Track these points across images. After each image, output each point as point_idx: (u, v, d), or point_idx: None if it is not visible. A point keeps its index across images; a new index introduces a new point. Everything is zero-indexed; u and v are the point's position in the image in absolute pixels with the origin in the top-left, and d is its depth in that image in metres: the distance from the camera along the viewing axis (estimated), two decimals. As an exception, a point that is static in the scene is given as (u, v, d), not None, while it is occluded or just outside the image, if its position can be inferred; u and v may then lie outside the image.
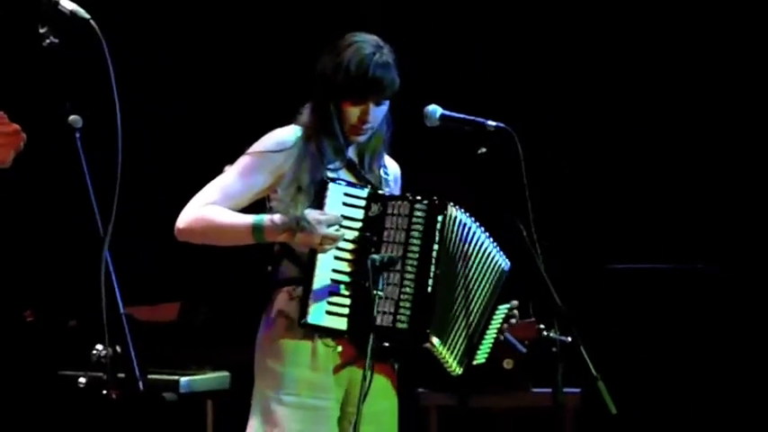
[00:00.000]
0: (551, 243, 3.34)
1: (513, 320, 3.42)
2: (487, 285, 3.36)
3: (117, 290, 2.43)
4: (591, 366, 3.26)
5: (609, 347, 5.15)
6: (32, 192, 5.47)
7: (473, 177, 3.31)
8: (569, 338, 3.34)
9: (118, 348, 2.39)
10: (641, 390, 5.43)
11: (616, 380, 3.42)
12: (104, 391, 2.39)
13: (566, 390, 3.43)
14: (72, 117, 2.47)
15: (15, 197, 5.03)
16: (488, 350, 3.40)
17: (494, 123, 3.36)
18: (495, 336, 3.40)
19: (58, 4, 2.50)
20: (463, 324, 3.29)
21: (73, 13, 2.49)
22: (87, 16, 2.48)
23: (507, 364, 4.95)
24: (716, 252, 5.72)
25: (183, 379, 5.08)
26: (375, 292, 3.14)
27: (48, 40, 2.48)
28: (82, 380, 2.39)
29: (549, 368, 3.40)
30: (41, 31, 2.48)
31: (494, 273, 3.38)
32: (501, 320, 3.41)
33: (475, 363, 3.37)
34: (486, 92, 5.72)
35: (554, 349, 3.36)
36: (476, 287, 3.33)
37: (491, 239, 3.38)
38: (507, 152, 3.33)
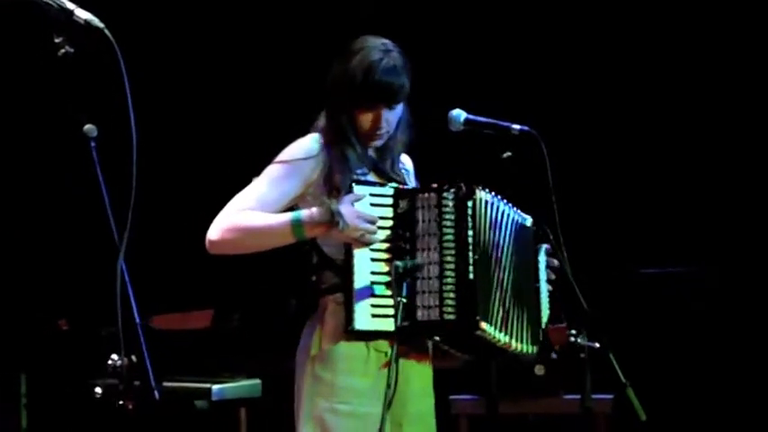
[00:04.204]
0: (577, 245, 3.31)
1: (556, 262, 3.34)
2: (525, 254, 3.31)
3: (133, 299, 2.41)
4: (620, 373, 3.23)
5: (642, 353, 5.10)
6: (60, 200, 5.50)
7: (498, 181, 3.28)
8: (597, 344, 3.31)
9: (134, 358, 2.37)
10: (674, 396, 5.37)
11: (648, 386, 3.38)
12: (120, 401, 2.37)
13: (597, 396, 3.39)
14: (87, 126, 2.46)
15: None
16: (548, 307, 3.35)
17: (518, 127, 3.33)
18: (548, 289, 3.35)
19: (72, 13, 2.49)
20: (518, 302, 3.25)
21: (87, 23, 2.48)
22: (102, 25, 2.47)
23: (539, 370, 4.91)
24: (747, 254, 5.67)
25: (215, 387, 5.07)
26: (399, 298, 3.11)
27: (63, 50, 2.47)
28: (98, 389, 2.38)
29: (581, 374, 3.36)
30: (56, 40, 2.47)
31: (526, 239, 3.32)
32: (545, 269, 3.36)
33: (543, 328, 3.32)
34: (509, 92, 5.70)
35: (582, 355, 3.33)
36: (516, 263, 3.28)
37: (518, 211, 3.33)
38: (533, 155, 3.30)
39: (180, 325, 5.26)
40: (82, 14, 2.49)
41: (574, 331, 3.37)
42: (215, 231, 3.18)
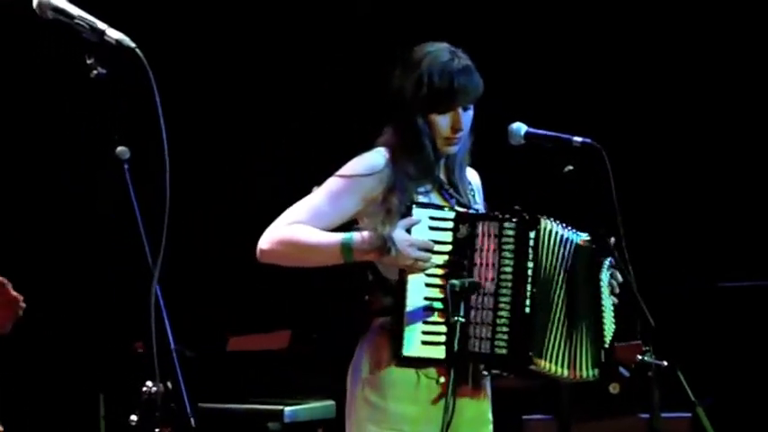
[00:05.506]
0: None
1: (619, 275, 3.21)
2: (586, 275, 3.19)
3: (168, 324, 2.37)
4: (689, 392, 3.12)
5: (721, 369, 4.94)
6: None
7: (560, 196, 3.18)
8: (665, 362, 3.20)
9: (169, 384, 2.33)
10: (756, 415, 5.20)
11: (730, 402, 3.26)
12: (157, 429, 2.33)
13: (675, 414, 3.28)
14: (119, 148, 2.43)
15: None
16: (613, 322, 3.22)
17: (580, 139, 3.25)
18: (612, 305, 3.22)
19: (104, 33, 2.46)
20: (578, 328, 3.15)
21: (119, 43, 2.46)
22: (133, 45, 2.44)
23: (613, 388, 4.79)
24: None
25: (288, 409, 5.06)
26: (456, 318, 3.02)
27: (95, 71, 2.44)
28: (133, 417, 2.34)
29: (649, 393, 3.27)
30: (88, 61, 2.45)
31: (587, 259, 3.19)
32: (608, 285, 3.22)
33: (606, 347, 3.20)
34: (574, 102, 5.60)
35: (650, 374, 3.23)
36: (577, 286, 3.17)
37: (578, 233, 3.20)
38: (595, 169, 3.21)
39: (256, 346, 5.24)
40: (113, 35, 2.47)
41: (649, 348, 3.26)
42: (265, 241, 3.13)
